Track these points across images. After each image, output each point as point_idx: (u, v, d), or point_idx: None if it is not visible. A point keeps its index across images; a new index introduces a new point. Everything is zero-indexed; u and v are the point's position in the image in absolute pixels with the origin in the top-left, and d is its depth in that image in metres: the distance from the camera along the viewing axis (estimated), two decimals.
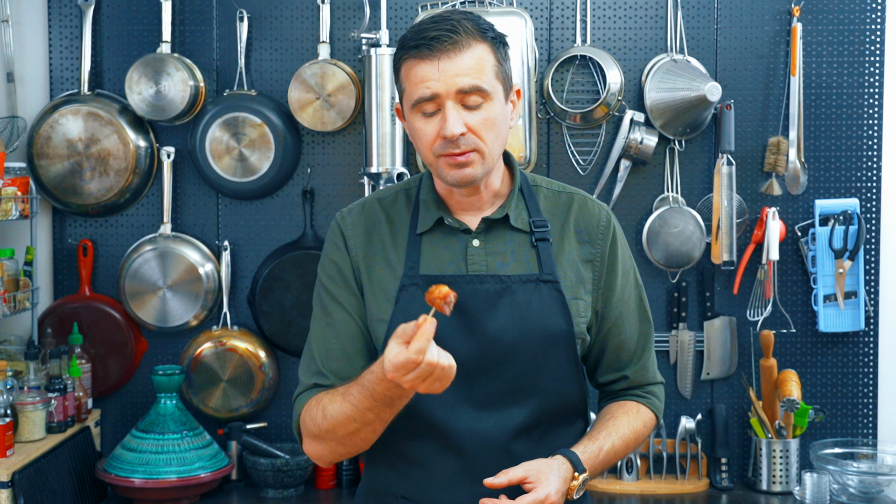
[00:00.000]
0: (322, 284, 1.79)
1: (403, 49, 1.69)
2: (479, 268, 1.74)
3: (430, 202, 1.77)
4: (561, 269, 1.76)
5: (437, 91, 1.64)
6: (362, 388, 1.60)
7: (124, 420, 3.07)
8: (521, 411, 1.72)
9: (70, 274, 3.07)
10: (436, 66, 1.64)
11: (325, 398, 1.68)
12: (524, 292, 1.72)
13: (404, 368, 1.50)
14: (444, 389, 1.55)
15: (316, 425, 1.68)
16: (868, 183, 3.04)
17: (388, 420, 1.64)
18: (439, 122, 1.66)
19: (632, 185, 3.03)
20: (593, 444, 1.75)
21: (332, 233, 1.82)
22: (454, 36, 1.64)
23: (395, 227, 1.79)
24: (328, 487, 2.98)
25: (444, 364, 1.51)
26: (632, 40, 3.03)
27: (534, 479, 1.64)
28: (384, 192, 1.85)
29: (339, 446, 1.69)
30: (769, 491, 2.93)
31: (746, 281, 3.03)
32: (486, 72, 1.66)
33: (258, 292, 2.98)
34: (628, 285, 1.84)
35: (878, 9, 3.01)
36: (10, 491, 2.44)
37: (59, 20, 3.05)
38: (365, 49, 2.90)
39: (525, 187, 1.81)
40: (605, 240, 1.80)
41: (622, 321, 1.82)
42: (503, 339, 1.70)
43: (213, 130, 2.96)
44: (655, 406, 1.87)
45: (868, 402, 3.07)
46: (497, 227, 1.76)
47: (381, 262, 1.76)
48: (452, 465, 1.72)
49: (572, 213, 1.80)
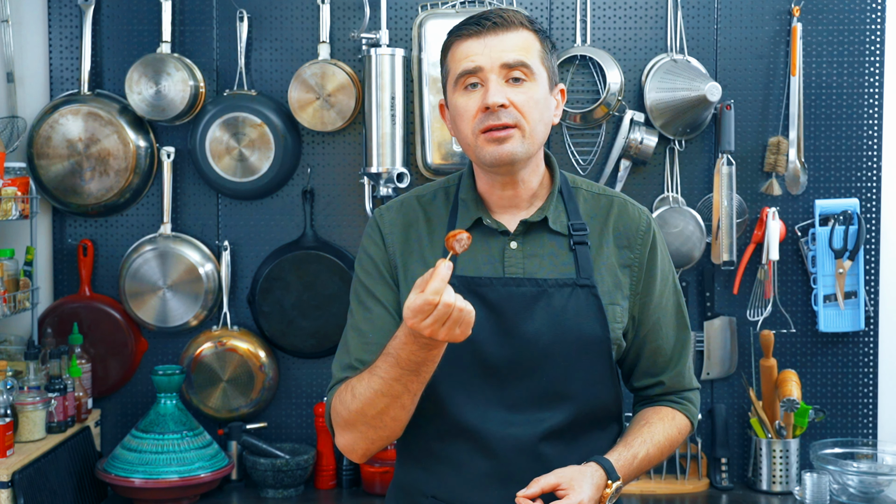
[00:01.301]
0: (359, 279, 1.78)
1: (451, 35, 1.70)
2: (516, 270, 1.72)
3: (469, 201, 1.76)
4: (598, 273, 1.74)
5: (480, 64, 1.65)
6: (387, 357, 1.59)
7: (124, 420, 3.07)
8: (554, 415, 1.71)
9: (70, 274, 3.07)
10: (482, 42, 1.66)
11: (354, 380, 1.67)
12: (561, 296, 1.71)
13: (422, 312, 1.49)
14: (466, 338, 1.53)
15: (346, 408, 1.66)
16: (868, 183, 3.04)
17: (416, 392, 1.61)
18: (482, 95, 1.66)
19: (632, 185, 3.03)
20: (628, 452, 1.73)
21: (369, 228, 1.81)
22: (502, 19, 1.66)
23: (432, 226, 1.78)
24: (328, 487, 2.98)
25: (461, 305, 1.50)
26: (632, 40, 3.03)
27: (566, 486, 1.62)
28: (423, 189, 1.84)
29: (370, 429, 1.66)
30: (769, 491, 2.93)
31: (746, 281, 3.03)
32: (532, 52, 1.68)
33: (258, 292, 2.98)
34: (667, 291, 1.82)
35: (878, 9, 3.01)
36: (10, 491, 2.44)
37: (59, 20, 3.05)
38: (365, 49, 2.90)
39: (565, 189, 1.79)
40: (644, 245, 1.78)
41: (659, 327, 1.80)
42: (538, 342, 1.69)
43: (213, 130, 2.96)
44: (691, 413, 1.85)
45: (868, 402, 3.07)
46: (535, 230, 1.75)
47: (418, 260, 1.75)
48: (483, 466, 1.71)
49: (612, 216, 1.79)
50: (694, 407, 1.86)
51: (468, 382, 1.69)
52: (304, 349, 3.02)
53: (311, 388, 3.08)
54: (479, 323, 1.58)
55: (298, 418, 3.08)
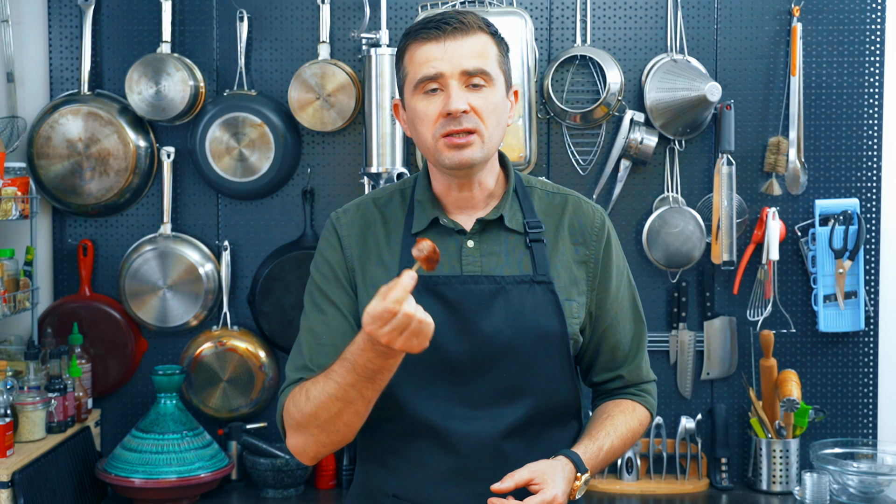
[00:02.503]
0: (314, 283, 1.79)
1: (407, 37, 1.71)
2: (474, 268, 1.74)
3: (426, 202, 1.78)
4: (555, 270, 1.77)
5: (441, 70, 1.66)
6: (344, 363, 1.59)
7: (124, 420, 3.07)
8: (515, 411, 1.73)
9: (70, 274, 3.07)
10: (442, 46, 1.67)
11: (308, 383, 1.67)
12: (518, 293, 1.73)
13: (381, 319, 1.49)
14: (422, 349, 1.54)
15: (299, 411, 1.66)
16: (868, 183, 3.04)
17: (370, 399, 1.61)
18: (442, 100, 1.68)
19: (632, 185, 3.03)
20: (594, 444, 1.76)
21: (326, 232, 1.82)
22: (461, 22, 1.68)
23: (389, 227, 1.79)
24: (328, 487, 2.98)
25: (420, 317, 1.50)
26: (632, 40, 3.03)
27: (540, 481, 1.64)
28: (379, 192, 1.86)
29: (322, 434, 1.66)
30: (769, 491, 2.93)
31: (746, 281, 3.03)
32: (489, 58, 1.70)
33: (258, 292, 2.98)
34: (622, 286, 1.85)
35: (878, 9, 3.01)
36: (10, 491, 2.44)
37: (59, 20, 3.05)
38: (365, 49, 2.90)
39: (520, 188, 1.82)
40: (599, 241, 1.81)
41: (617, 322, 1.84)
42: (497, 339, 1.71)
43: (213, 130, 2.96)
44: (650, 404, 1.89)
45: (868, 402, 3.07)
46: (491, 228, 1.77)
47: (376, 262, 1.77)
48: (445, 463, 1.72)
49: (567, 214, 1.82)
50: (652, 399, 1.90)
51: (428, 380, 1.70)
52: None
53: None
54: (438, 321, 1.59)
55: None
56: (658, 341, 3.04)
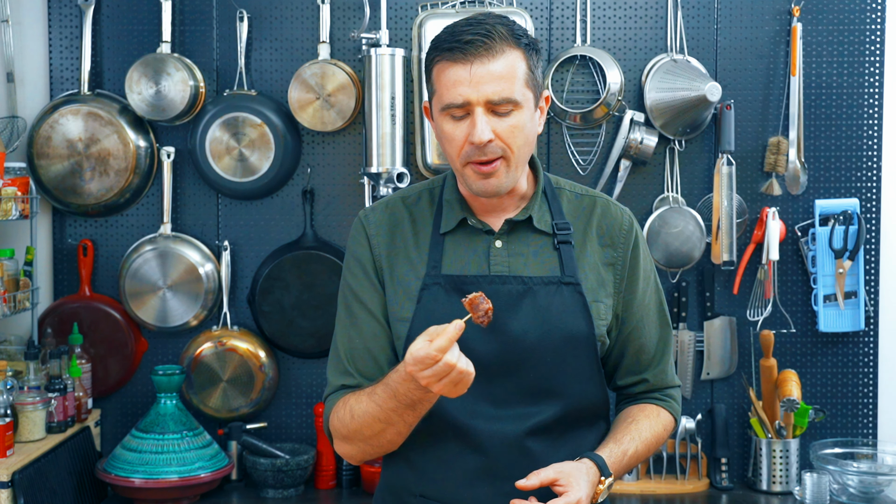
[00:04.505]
0: (346, 283, 1.81)
1: (437, 50, 1.69)
2: (502, 269, 1.74)
3: (454, 202, 1.78)
4: (582, 271, 1.76)
5: (468, 98, 1.65)
6: (386, 388, 1.63)
7: (124, 420, 3.07)
8: (541, 410, 1.73)
9: (70, 274, 3.07)
10: (468, 70, 1.64)
11: (352, 399, 1.70)
12: (546, 294, 1.73)
13: (423, 363, 1.53)
14: (461, 395, 1.57)
15: (344, 426, 1.71)
16: (868, 183, 3.04)
17: (411, 423, 1.66)
18: (468, 127, 1.67)
19: (632, 185, 3.03)
20: (618, 448, 1.75)
21: (355, 230, 1.83)
22: (488, 41, 1.64)
23: (418, 227, 1.80)
24: (328, 487, 2.98)
25: (461, 368, 1.53)
26: (632, 40, 3.03)
27: (565, 482, 1.63)
28: (408, 190, 1.86)
29: (367, 446, 1.72)
30: (769, 491, 2.93)
31: (746, 281, 3.03)
32: (517, 80, 1.67)
33: (258, 292, 2.98)
34: (649, 290, 1.84)
35: (878, 9, 3.01)
36: (10, 491, 2.44)
37: (59, 20, 3.05)
38: (365, 49, 2.90)
39: (549, 190, 1.81)
40: (627, 244, 1.81)
41: (643, 325, 1.83)
42: (525, 339, 1.71)
43: (213, 130, 2.96)
44: (674, 409, 1.88)
45: (868, 402, 3.07)
46: (520, 229, 1.77)
47: (404, 261, 1.77)
48: (471, 463, 1.72)
49: (595, 216, 1.81)
50: (677, 404, 1.89)
51: None
52: (304, 349, 3.02)
53: (311, 388, 3.08)
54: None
55: (298, 418, 3.08)
56: None
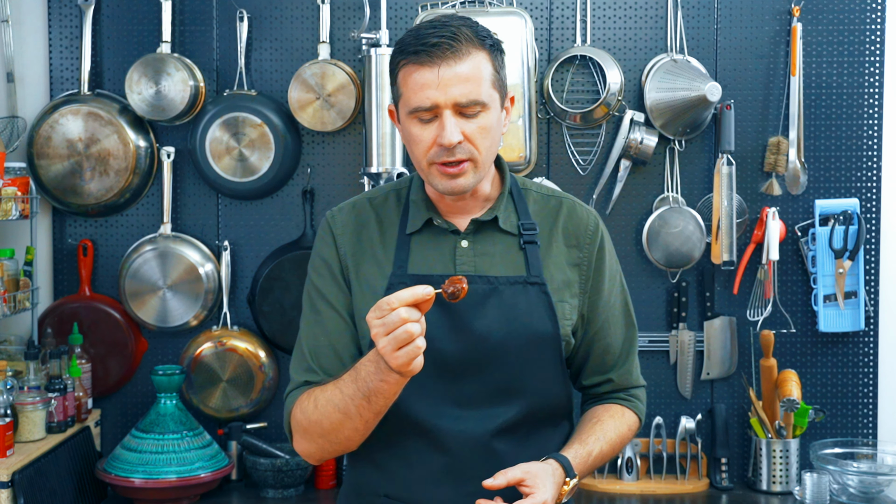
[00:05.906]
0: (311, 282, 1.81)
1: (402, 53, 1.68)
2: (467, 268, 1.75)
3: (420, 203, 1.79)
4: (548, 271, 1.77)
5: (436, 101, 1.65)
6: (352, 372, 1.63)
7: (124, 420, 3.07)
8: (506, 411, 1.73)
9: (70, 274, 3.07)
10: (435, 73, 1.64)
11: (318, 389, 1.70)
12: (511, 293, 1.74)
13: (379, 308, 1.52)
14: (406, 369, 1.54)
15: (306, 417, 1.69)
16: (868, 183, 3.04)
17: (367, 420, 1.64)
18: (436, 129, 1.67)
19: (632, 185, 3.03)
20: (583, 449, 1.76)
21: (321, 231, 1.83)
22: (454, 43, 1.64)
23: (384, 227, 1.80)
24: (328, 487, 2.98)
25: (410, 329, 1.50)
26: (632, 40, 3.03)
27: (531, 483, 1.64)
28: (375, 191, 1.87)
29: (325, 442, 1.70)
30: (769, 491, 2.93)
31: (746, 281, 3.03)
32: (483, 81, 1.67)
33: (258, 292, 2.98)
34: (614, 290, 1.86)
35: (878, 9, 3.01)
36: (10, 491, 2.44)
37: (59, 20, 3.05)
38: (365, 49, 2.90)
39: (515, 190, 1.82)
40: (592, 244, 1.82)
41: (608, 325, 1.84)
42: (490, 339, 1.72)
43: (213, 130, 2.97)
44: (639, 409, 1.90)
45: (868, 402, 3.07)
46: (486, 229, 1.78)
47: (370, 261, 1.78)
48: (436, 462, 1.73)
49: (561, 217, 1.82)
50: (641, 404, 1.91)
51: (420, 379, 1.69)
52: None
53: None
54: (431, 320, 1.61)
55: None
56: (658, 341, 3.04)
